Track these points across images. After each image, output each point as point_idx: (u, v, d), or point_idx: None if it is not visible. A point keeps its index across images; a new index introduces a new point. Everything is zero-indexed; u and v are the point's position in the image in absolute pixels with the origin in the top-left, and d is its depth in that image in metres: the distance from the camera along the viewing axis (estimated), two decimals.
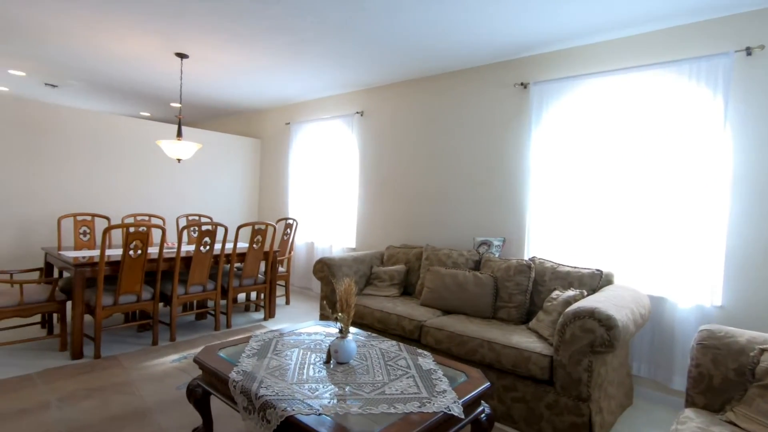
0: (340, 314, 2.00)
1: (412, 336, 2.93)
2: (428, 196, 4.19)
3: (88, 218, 4.25)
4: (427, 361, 2.12)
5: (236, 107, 6.18)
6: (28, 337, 3.43)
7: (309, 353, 2.17)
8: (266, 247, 4.26)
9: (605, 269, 3.01)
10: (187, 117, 7.24)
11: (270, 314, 4.34)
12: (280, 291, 5.42)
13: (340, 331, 2.04)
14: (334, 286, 3.49)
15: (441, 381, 1.88)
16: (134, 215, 4.47)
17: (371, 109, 4.78)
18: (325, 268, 3.53)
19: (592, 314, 2.14)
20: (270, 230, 4.05)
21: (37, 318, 3.92)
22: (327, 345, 2.30)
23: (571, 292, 2.61)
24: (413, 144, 4.34)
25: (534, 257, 3.13)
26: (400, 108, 4.48)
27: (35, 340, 3.18)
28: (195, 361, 2.05)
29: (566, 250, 3.27)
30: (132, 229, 3.62)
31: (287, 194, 5.80)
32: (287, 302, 4.96)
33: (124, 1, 2.90)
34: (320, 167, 5.29)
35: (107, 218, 4.24)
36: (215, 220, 5.80)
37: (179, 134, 3.94)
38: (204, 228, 3.55)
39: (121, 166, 4.88)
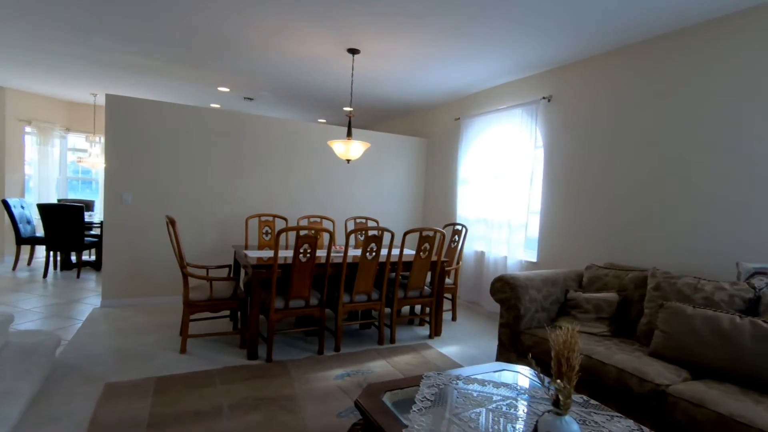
0: (558, 382, 1.31)
1: (645, 403, 2.01)
2: (649, 201, 3.09)
3: (270, 218, 4.48)
4: None
5: (402, 106, 5.96)
6: (218, 331, 3.69)
7: (501, 420, 1.54)
8: (434, 256, 3.79)
9: None
10: (355, 120, 7.41)
11: (436, 332, 3.86)
12: (445, 305, 4.91)
13: (556, 404, 1.34)
14: (520, 312, 2.77)
15: None
16: (307, 216, 4.56)
17: (562, 92, 3.86)
18: (507, 289, 2.84)
19: None
20: (438, 237, 3.60)
21: (227, 311, 4.26)
22: (524, 408, 1.63)
23: None
24: (624, 131, 3.28)
25: None
26: (604, 86, 3.47)
27: (221, 335, 3.36)
28: (357, 406, 1.64)
29: None
30: (303, 232, 3.58)
31: (456, 197, 5.27)
32: (453, 318, 4.41)
33: (301, 2, 2.78)
34: (494, 166, 4.59)
35: (285, 219, 4.40)
36: (380, 223, 5.66)
37: (349, 134, 3.78)
38: (370, 233, 3.27)
39: (299, 168, 5.09)
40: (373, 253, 3.36)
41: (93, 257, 6.66)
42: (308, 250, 3.07)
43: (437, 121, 5.77)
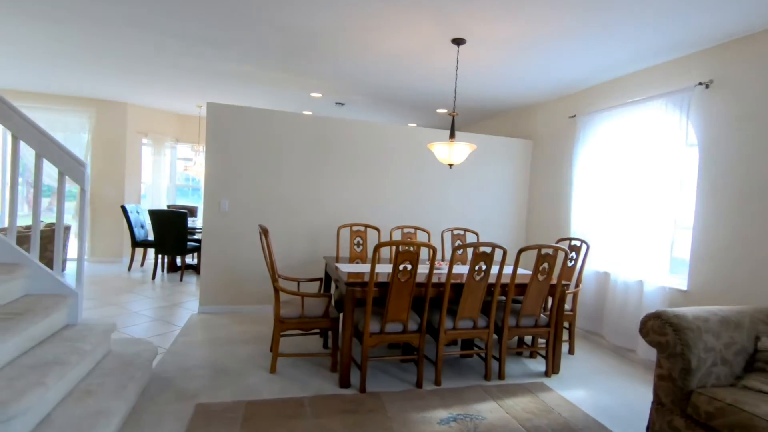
0: None
1: None
2: None
3: (362, 229, 4.20)
4: None
5: (504, 103, 5.36)
6: (308, 349, 3.45)
7: None
8: (554, 279, 3.17)
9: None
10: (448, 121, 6.95)
11: (553, 369, 3.23)
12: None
13: None
14: (690, 365, 2.08)
15: None
16: (401, 227, 4.19)
17: (728, 75, 3.03)
18: (669, 331, 2.15)
19: None
20: (560, 256, 3.01)
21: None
22: None
23: None
24: None
25: None
26: None
27: (312, 356, 3.09)
28: None
29: None
30: (401, 248, 3.22)
31: (569, 207, 4.54)
32: (571, 351, 3.72)
33: None
34: (624, 170, 3.82)
35: (377, 229, 4.08)
36: (480, 236, 5.09)
37: (452, 135, 3.34)
38: (480, 250, 2.79)
39: (391, 175, 4.77)
40: (482, 273, 2.87)
41: (195, 261, 7.02)
42: (408, 269, 2.68)
43: (545, 120, 5.08)
